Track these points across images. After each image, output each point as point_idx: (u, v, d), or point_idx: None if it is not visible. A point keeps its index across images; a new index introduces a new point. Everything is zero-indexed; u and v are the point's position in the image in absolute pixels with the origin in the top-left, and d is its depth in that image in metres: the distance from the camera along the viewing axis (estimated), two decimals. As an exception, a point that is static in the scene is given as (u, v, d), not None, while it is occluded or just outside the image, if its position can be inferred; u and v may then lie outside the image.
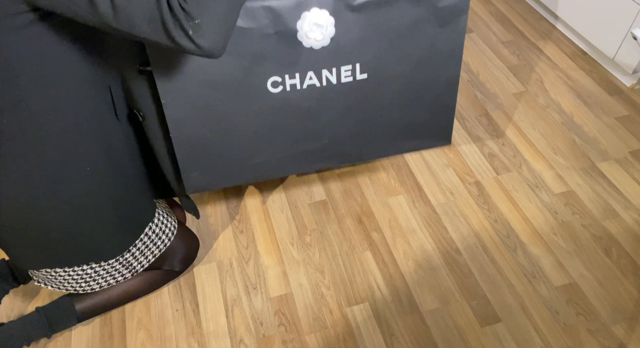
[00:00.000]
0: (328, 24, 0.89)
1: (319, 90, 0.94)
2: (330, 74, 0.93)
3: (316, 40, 0.90)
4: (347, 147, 1.06)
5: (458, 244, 1.43)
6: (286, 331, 1.28)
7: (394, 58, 0.94)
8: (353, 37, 0.91)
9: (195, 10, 0.76)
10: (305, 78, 0.92)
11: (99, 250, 1.10)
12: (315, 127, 1.00)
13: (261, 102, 0.93)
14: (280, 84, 0.92)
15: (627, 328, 1.26)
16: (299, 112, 0.96)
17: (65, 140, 0.95)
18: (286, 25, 0.87)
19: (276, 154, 1.03)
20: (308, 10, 0.87)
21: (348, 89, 0.96)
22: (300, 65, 0.90)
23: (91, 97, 0.97)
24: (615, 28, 1.77)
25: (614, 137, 1.69)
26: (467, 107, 1.80)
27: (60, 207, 1.00)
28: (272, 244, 1.44)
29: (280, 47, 0.88)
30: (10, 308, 1.33)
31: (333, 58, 0.91)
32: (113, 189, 1.06)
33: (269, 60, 0.89)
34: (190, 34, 0.77)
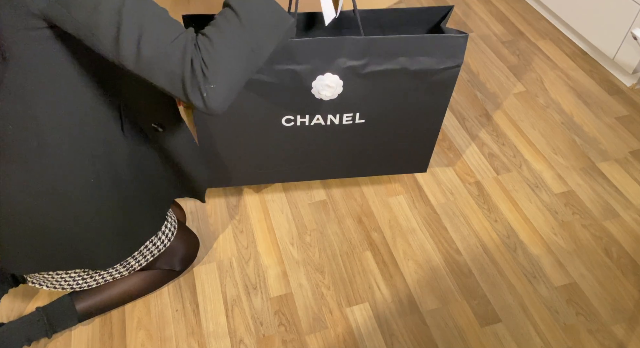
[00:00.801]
0: (338, 85, 1.07)
1: (323, 128, 1.15)
2: (334, 118, 1.13)
3: (326, 96, 1.08)
4: (339, 168, 1.28)
5: (458, 244, 1.43)
6: (286, 331, 1.28)
7: (388, 110, 1.14)
8: (357, 94, 1.10)
9: (214, 76, 0.82)
10: (313, 118, 1.13)
11: (94, 259, 1.10)
12: (316, 153, 1.21)
13: (275, 132, 1.15)
14: (292, 121, 1.13)
15: (627, 328, 1.26)
16: (305, 141, 1.18)
17: (71, 152, 0.95)
18: (303, 83, 1.05)
19: (282, 168, 1.25)
20: (322, 74, 1.05)
21: (347, 128, 1.17)
22: (310, 110, 1.10)
23: (100, 111, 0.97)
24: (615, 28, 1.77)
25: (614, 137, 1.69)
26: (467, 107, 1.80)
27: (60, 215, 1.00)
28: (272, 244, 1.44)
29: (296, 97, 1.07)
30: (10, 308, 1.33)
31: (338, 107, 1.11)
32: (114, 202, 1.05)
33: (285, 104, 1.09)
34: (205, 96, 0.83)
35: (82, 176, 0.98)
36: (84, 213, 1.01)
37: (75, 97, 0.92)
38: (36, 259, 1.06)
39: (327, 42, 1.03)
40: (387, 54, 1.06)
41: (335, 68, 1.05)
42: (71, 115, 0.93)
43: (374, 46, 1.05)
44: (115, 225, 1.08)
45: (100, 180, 1.01)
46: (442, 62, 1.08)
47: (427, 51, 1.07)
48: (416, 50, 1.06)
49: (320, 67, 1.05)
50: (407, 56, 1.07)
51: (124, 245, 1.12)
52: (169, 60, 0.81)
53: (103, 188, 1.02)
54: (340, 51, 1.04)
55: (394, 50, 1.06)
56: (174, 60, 0.81)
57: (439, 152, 1.66)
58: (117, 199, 1.06)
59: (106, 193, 1.03)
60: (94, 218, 1.03)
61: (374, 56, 1.06)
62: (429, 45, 1.06)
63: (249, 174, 1.26)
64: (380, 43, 1.04)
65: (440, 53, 1.07)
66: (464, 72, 1.93)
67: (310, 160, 1.24)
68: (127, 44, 0.79)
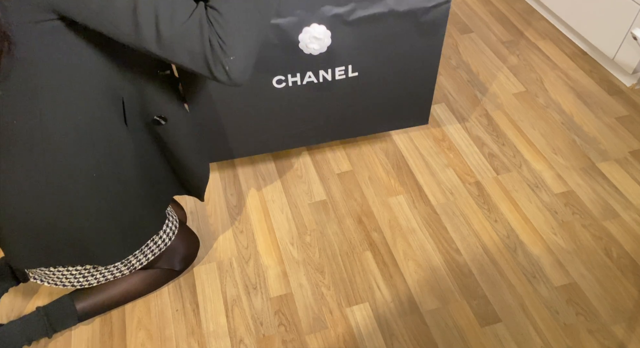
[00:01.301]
0: (325, 36, 1.02)
1: (316, 86, 1.10)
2: (326, 73, 1.09)
3: (315, 50, 1.03)
4: (337, 127, 1.23)
5: (458, 244, 1.43)
6: (286, 331, 1.28)
7: (381, 59, 1.10)
8: (346, 45, 1.05)
9: (231, 49, 0.84)
10: (305, 76, 1.08)
11: (97, 255, 1.10)
12: (312, 113, 1.16)
13: (268, 95, 1.10)
14: (284, 81, 1.08)
15: (627, 328, 1.26)
16: (299, 102, 1.13)
17: (75, 147, 0.96)
18: (289, 38, 1.01)
19: (279, 133, 1.19)
20: (308, 26, 1.00)
21: (341, 84, 1.12)
22: (301, 67, 1.06)
23: (104, 106, 0.97)
24: (615, 28, 1.77)
25: (614, 137, 1.69)
26: (467, 107, 1.80)
27: (64, 210, 1.00)
28: (272, 244, 1.44)
29: (284, 54, 1.03)
30: (10, 308, 1.33)
31: (329, 61, 1.06)
32: (117, 198, 1.06)
33: (275, 63, 1.05)
34: (227, 69, 0.85)
35: (85, 171, 0.98)
36: (87, 208, 1.02)
37: (80, 91, 0.92)
38: (41, 254, 1.06)
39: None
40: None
41: (321, 17, 1.02)
42: (76, 109, 0.93)
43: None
44: (119, 221, 1.08)
45: (103, 176, 1.01)
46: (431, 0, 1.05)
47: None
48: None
49: (305, 18, 1.01)
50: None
51: (127, 242, 1.12)
52: (189, 38, 0.82)
53: (106, 183, 1.02)
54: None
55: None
56: (194, 38, 0.83)
57: (439, 152, 1.66)
58: (120, 195, 1.06)
59: (109, 188, 1.03)
60: (97, 214, 1.03)
61: (360, 0, 1.02)
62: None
63: (246, 143, 1.22)
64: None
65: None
66: (464, 72, 1.93)
67: (308, 122, 1.20)
68: (146, 26, 0.81)
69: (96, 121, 0.97)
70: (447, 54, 2.01)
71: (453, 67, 1.95)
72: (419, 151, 1.66)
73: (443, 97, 1.84)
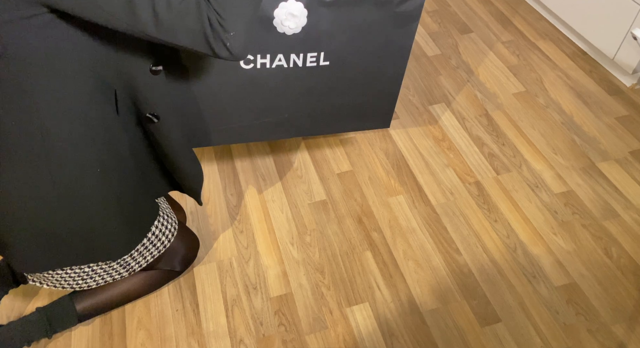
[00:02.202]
0: (302, 15, 1.00)
1: (285, 71, 1.08)
2: (297, 58, 1.06)
3: (289, 28, 1.01)
4: (303, 122, 1.21)
5: (458, 244, 1.43)
6: (286, 331, 1.28)
7: (353, 50, 1.08)
8: (322, 28, 1.03)
9: (230, 25, 0.85)
10: (275, 59, 1.05)
11: (105, 250, 1.10)
12: (278, 103, 1.14)
13: (233, 76, 1.06)
14: (252, 62, 1.04)
15: (627, 328, 1.26)
16: (265, 88, 1.10)
17: (76, 144, 0.95)
18: (264, 12, 0.98)
19: (242, 123, 1.16)
20: (285, 1, 0.98)
21: (311, 72, 1.10)
22: (272, 47, 1.03)
23: (99, 101, 0.97)
24: (615, 28, 1.77)
25: (614, 137, 1.69)
26: (467, 107, 1.80)
27: (69, 207, 0.99)
28: (272, 244, 1.44)
29: (256, 31, 0.99)
30: (10, 309, 1.33)
31: (302, 45, 1.04)
32: (120, 190, 1.06)
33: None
34: (228, 45, 0.86)
35: (88, 166, 0.98)
36: (93, 205, 1.02)
37: (74, 86, 0.92)
38: (47, 257, 1.06)
39: None
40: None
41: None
42: (72, 106, 0.93)
43: None
44: (123, 214, 1.08)
45: (107, 169, 1.01)
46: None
47: None
48: None
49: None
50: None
51: (132, 233, 1.13)
52: (188, 18, 0.83)
53: (109, 177, 1.02)
54: None
55: None
56: (192, 18, 0.83)
57: (439, 152, 1.66)
58: (122, 186, 1.06)
59: (113, 181, 1.03)
60: (104, 207, 1.03)
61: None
62: None
63: (205, 132, 1.19)
64: None
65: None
66: (464, 72, 1.93)
67: (273, 112, 1.18)
68: (143, 10, 0.81)
69: (93, 117, 0.96)
70: (447, 54, 2.01)
71: (453, 67, 1.95)
72: (419, 151, 1.66)
73: (443, 97, 1.84)
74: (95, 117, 0.97)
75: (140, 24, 0.82)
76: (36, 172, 0.94)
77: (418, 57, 1.99)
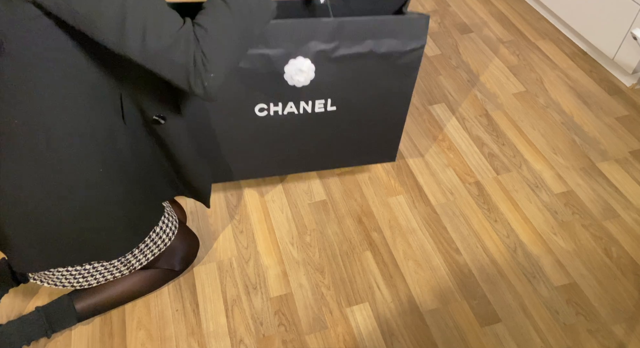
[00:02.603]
0: (310, 70, 1.09)
1: (296, 117, 1.17)
2: (306, 105, 1.16)
3: (299, 81, 1.09)
4: (312, 159, 1.31)
5: (458, 244, 1.43)
6: (286, 331, 1.28)
7: (358, 96, 1.17)
8: (328, 80, 1.12)
9: (213, 66, 0.87)
10: (286, 107, 1.14)
11: (105, 249, 1.10)
12: (290, 144, 1.23)
13: (249, 122, 1.15)
14: (266, 110, 1.14)
15: (627, 328, 1.26)
16: (278, 132, 1.19)
17: (79, 143, 0.96)
18: (275, 68, 1.07)
19: (256, 161, 1.26)
20: (294, 58, 1.07)
21: (319, 117, 1.19)
22: (284, 97, 1.12)
23: (103, 102, 0.97)
24: (615, 28, 1.77)
25: (614, 137, 1.69)
26: (467, 107, 1.80)
27: (72, 206, 1.00)
28: (272, 244, 1.44)
29: (269, 84, 1.09)
30: (10, 308, 1.33)
31: (310, 94, 1.13)
32: (122, 190, 1.06)
33: (259, 92, 1.11)
34: (205, 85, 0.87)
35: (91, 166, 0.98)
36: (95, 204, 1.02)
37: (78, 87, 0.92)
38: (48, 256, 1.06)
39: (299, 25, 1.05)
40: (356, 37, 1.10)
41: (307, 51, 1.08)
42: (75, 105, 0.93)
43: (343, 29, 1.08)
44: (125, 213, 1.08)
45: (109, 170, 1.01)
46: (407, 44, 1.13)
47: (393, 33, 1.11)
48: (382, 32, 1.10)
49: (292, 51, 1.07)
50: (374, 39, 1.11)
51: (134, 233, 1.13)
52: (174, 52, 0.84)
53: (111, 177, 1.02)
54: (312, 34, 1.07)
55: (361, 33, 1.10)
56: (178, 53, 0.84)
57: (439, 152, 1.66)
58: (125, 186, 1.06)
59: (115, 181, 1.03)
60: (107, 206, 1.04)
61: (344, 39, 1.09)
62: (393, 26, 1.11)
63: (225, 170, 1.28)
64: (348, 25, 1.08)
65: (405, 35, 1.12)
66: (464, 72, 1.93)
67: (285, 152, 1.26)
68: (133, 36, 0.81)
69: (96, 117, 0.97)
70: (447, 54, 2.01)
71: (453, 67, 1.95)
72: (419, 151, 1.66)
73: (443, 97, 1.84)
74: (99, 118, 0.97)
75: (126, 47, 0.83)
76: (39, 170, 0.94)
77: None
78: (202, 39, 0.85)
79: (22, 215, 0.98)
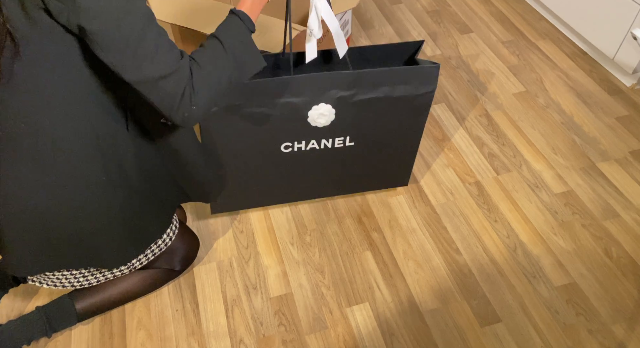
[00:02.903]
0: (331, 113, 1.22)
1: (317, 151, 1.31)
2: (327, 142, 1.29)
3: (321, 123, 1.23)
4: (329, 186, 1.42)
5: (458, 244, 1.43)
6: (286, 331, 1.28)
7: (374, 132, 1.29)
8: (348, 120, 1.26)
9: (198, 101, 0.91)
10: (309, 144, 1.27)
11: (102, 258, 1.10)
12: (310, 175, 1.35)
13: (275, 157, 1.30)
14: (290, 147, 1.28)
15: (627, 328, 1.26)
16: (301, 164, 1.34)
17: (83, 151, 0.96)
18: (300, 113, 1.21)
19: (281, 190, 1.37)
20: (317, 105, 1.20)
21: (339, 151, 1.33)
22: (307, 136, 1.25)
23: (110, 111, 0.98)
24: (615, 28, 1.77)
25: (614, 137, 1.69)
26: (467, 107, 1.80)
27: (71, 212, 1.00)
28: (272, 244, 1.44)
29: (294, 126, 1.23)
30: (10, 308, 1.33)
31: (331, 132, 1.25)
32: (123, 201, 1.06)
33: (285, 133, 1.24)
34: (185, 116, 0.92)
35: (93, 175, 0.98)
36: (95, 212, 1.02)
37: (87, 95, 0.93)
38: (43, 260, 1.06)
39: (321, 77, 1.18)
40: (372, 85, 1.21)
41: (328, 99, 1.20)
42: (83, 113, 0.94)
43: (360, 79, 1.20)
44: (124, 224, 1.08)
45: (111, 179, 1.01)
46: (419, 89, 1.24)
47: (406, 80, 1.23)
48: (396, 80, 1.22)
49: (315, 99, 1.20)
50: (389, 86, 1.22)
51: (131, 246, 1.12)
52: (168, 82, 0.87)
53: (113, 186, 1.02)
54: (332, 84, 1.19)
55: (377, 81, 1.21)
56: (171, 83, 0.87)
57: (439, 152, 1.66)
58: (126, 198, 1.06)
59: (116, 192, 1.03)
60: (104, 217, 1.03)
61: (361, 87, 1.21)
62: (407, 75, 1.22)
63: (253, 197, 1.41)
64: (365, 75, 1.20)
65: (417, 81, 1.23)
66: (464, 72, 1.93)
67: (306, 181, 1.39)
68: (132, 61, 0.84)
69: (102, 124, 0.97)
70: (447, 54, 2.01)
71: (453, 67, 1.95)
72: (419, 151, 1.66)
73: (443, 97, 1.84)
74: (105, 128, 0.98)
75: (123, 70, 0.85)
76: (41, 173, 0.94)
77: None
78: (196, 74, 0.91)
79: (20, 218, 0.98)
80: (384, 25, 2.13)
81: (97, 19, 0.79)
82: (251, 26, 1.00)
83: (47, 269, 1.08)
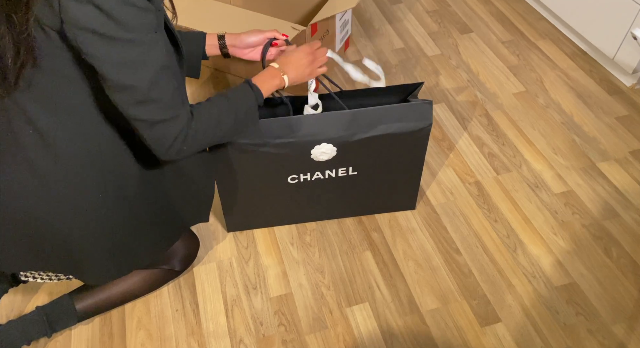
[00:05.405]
0: (332, 151, 1.28)
1: (322, 181, 1.36)
2: (331, 172, 1.35)
3: (323, 159, 1.29)
4: (334, 210, 1.48)
5: (458, 244, 1.43)
6: (286, 331, 1.28)
7: (376, 162, 1.35)
8: (350, 155, 1.31)
9: (190, 144, 0.96)
10: (314, 175, 1.34)
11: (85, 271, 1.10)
12: (317, 201, 1.42)
13: (282, 188, 1.36)
14: (296, 179, 1.34)
15: (627, 328, 1.26)
16: (307, 193, 1.39)
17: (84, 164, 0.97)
18: (303, 152, 1.27)
19: (291, 213, 1.45)
20: (319, 144, 1.26)
21: (342, 180, 1.38)
22: (311, 169, 1.32)
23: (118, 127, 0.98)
24: (615, 28, 1.77)
25: (614, 137, 1.69)
26: (467, 107, 1.80)
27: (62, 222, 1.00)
28: (272, 244, 1.44)
29: (299, 162, 1.30)
30: (10, 308, 1.33)
31: (334, 164, 1.33)
32: (117, 220, 1.05)
33: (291, 168, 1.31)
34: (169, 152, 0.94)
35: (90, 189, 0.99)
36: (84, 229, 1.02)
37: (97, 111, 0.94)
38: (30, 259, 1.06)
39: (320, 118, 1.25)
40: (369, 124, 1.26)
41: (329, 138, 1.26)
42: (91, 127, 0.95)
43: (357, 118, 1.25)
44: (112, 247, 1.08)
45: (107, 200, 1.01)
46: (416, 125, 1.28)
47: (402, 118, 1.27)
48: (392, 118, 1.27)
49: (317, 139, 1.25)
50: (386, 123, 1.27)
51: (116, 265, 1.12)
52: (168, 125, 0.91)
53: (107, 208, 1.02)
54: (332, 124, 1.25)
55: (374, 120, 1.26)
56: (171, 127, 0.91)
57: (439, 152, 1.66)
58: (119, 222, 1.06)
59: (110, 213, 1.03)
60: (91, 236, 1.03)
61: (359, 126, 1.26)
62: (402, 113, 1.27)
63: (262, 219, 1.45)
64: (361, 114, 1.25)
65: (413, 118, 1.27)
66: (464, 72, 1.93)
67: (312, 206, 1.43)
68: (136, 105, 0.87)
69: (107, 140, 0.98)
70: (447, 54, 2.01)
71: (453, 67, 1.95)
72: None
73: (443, 97, 1.84)
74: (110, 144, 0.99)
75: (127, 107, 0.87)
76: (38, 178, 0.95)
77: (418, 57, 1.99)
78: (197, 118, 0.95)
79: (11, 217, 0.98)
80: (384, 25, 2.13)
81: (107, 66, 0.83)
82: (260, 99, 1.08)
83: (33, 268, 1.08)
